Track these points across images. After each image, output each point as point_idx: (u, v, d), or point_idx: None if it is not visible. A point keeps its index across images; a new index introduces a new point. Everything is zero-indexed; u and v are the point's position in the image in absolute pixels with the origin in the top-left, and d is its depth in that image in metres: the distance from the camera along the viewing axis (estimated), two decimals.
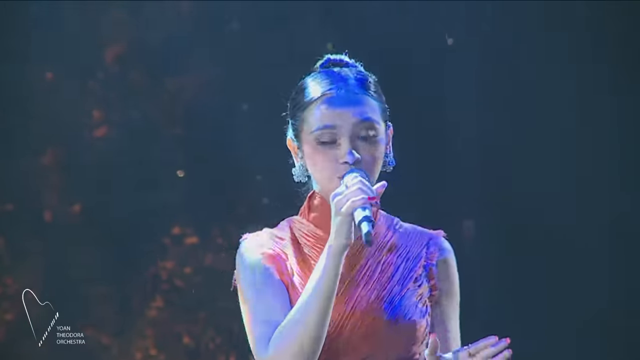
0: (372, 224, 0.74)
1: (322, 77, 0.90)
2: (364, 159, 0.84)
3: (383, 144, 0.88)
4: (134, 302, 2.99)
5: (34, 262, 2.95)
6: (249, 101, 2.95)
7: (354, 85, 0.88)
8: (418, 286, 0.88)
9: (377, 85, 0.92)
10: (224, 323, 3.00)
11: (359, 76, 0.90)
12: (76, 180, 2.99)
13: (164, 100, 2.96)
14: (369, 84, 0.90)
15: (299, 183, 0.97)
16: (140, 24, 2.95)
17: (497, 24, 2.82)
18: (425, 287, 0.89)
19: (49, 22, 2.90)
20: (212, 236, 3.01)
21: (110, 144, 2.97)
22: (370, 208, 0.76)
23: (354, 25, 2.91)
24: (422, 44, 2.79)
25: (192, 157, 2.99)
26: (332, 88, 0.88)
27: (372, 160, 0.86)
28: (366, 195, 0.76)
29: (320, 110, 0.87)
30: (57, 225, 2.97)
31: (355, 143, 0.85)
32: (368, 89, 0.89)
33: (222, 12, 2.98)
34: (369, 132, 0.85)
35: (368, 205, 0.76)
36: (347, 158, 0.83)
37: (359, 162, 0.84)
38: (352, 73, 0.91)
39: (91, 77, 2.96)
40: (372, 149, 0.85)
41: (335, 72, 0.91)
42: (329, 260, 0.79)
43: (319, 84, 0.89)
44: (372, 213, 0.79)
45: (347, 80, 0.89)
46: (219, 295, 2.99)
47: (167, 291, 3.00)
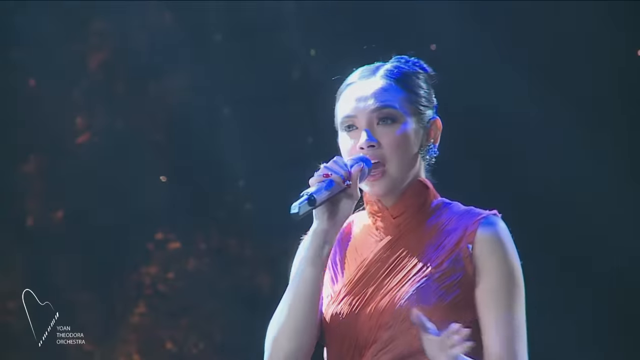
0: (309, 199, 0.76)
1: (358, 70, 0.93)
2: (383, 144, 0.86)
3: (406, 130, 0.87)
4: (117, 307, 3.00)
5: (17, 268, 2.95)
6: (230, 106, 2.98)
7: (380, 76, 0.89)
8: (445, 271, 0.82)
9: (413, 78, 0.92)
10: (206, 328, 3.01)
11: (392, 67, 0.92)
12: (59, 187, 3.00)
13: (146, 107, 2.98)
14: (400, 74, 0.91)
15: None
16: (123, 33, 2.97)
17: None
18: (453, 270, 0.83)
19: (32, 30, 2.92)
20: (195, 241, 3.03)
21: (93, 151, 2.98)
22: (327, 186, 0.78)
23: (335, 31, 2.94)
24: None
25: (174, 163, 3.00)
26: (358, 78, 0.90)
27: (392, 145, 0.86)
28: (322, 174, 0.78)
29: (344, 99, 0.90)
30: (40, 231, 2.98)
31: (374, 129, 0.87)
32: (396, 78, 0.90)
33: (204, 21, 3.01)
34: (386, 117, 0.87)
35: (322, 183, 0.78)
36: (361, 143, 0.86)
37: (375, 148, 0.85)
38: (388, 65, 0.92)
39: (74, 84, 2.97)
40: (391, 134, 0.86)
41: (372, 65, 0.93)
42: (309, 242, 0.83)
43: (351, 76, 0.92)
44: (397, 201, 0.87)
45: (376, 70, 0.91)
46: (202, 300, 3.00)
47: (150, 296, 3.01)
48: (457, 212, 0.89)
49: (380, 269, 0.85)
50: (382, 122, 0.87)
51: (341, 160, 0.83)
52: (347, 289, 0.85)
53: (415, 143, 0.88)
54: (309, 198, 0.76)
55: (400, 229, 0.88)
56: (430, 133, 0.92)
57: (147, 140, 2.99)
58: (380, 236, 0.89)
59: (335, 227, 0.84)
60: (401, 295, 0.81)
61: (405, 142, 0.87)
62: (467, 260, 0.82)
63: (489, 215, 0.86)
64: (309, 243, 0.83)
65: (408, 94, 0.89)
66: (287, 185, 2.77)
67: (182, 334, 3.01)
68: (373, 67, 0.92)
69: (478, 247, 0.83)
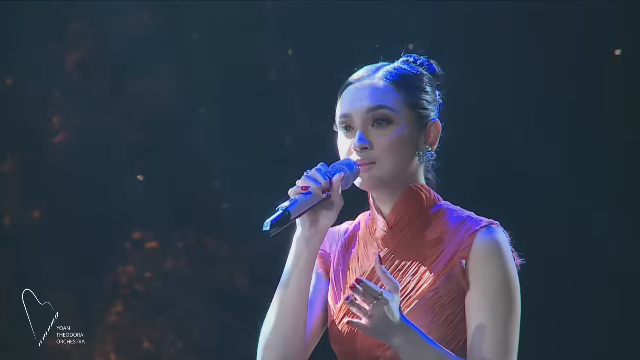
0: (283, 215, 0.74)
1: (360, 70, 0.93)
2: (376, 145, 0.85)
3: (401, 132, 0.86)
4: (95, 307, 2.99)
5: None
6: (207, 106, 2.98)
7: (379, 77, 0.88)
8: (439, 289, 0.81)
9: (414, 79, 0.90)
10: (184, 328, 3.01)
11: (392, 69, 0.90)
12: (36, 186, 3.00)
13: (123, 106, 2.98)
14: (399, 76, 0.89)
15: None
16: (101, 33, 2.97)
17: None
18: (447, 289, 0.80)
19: (9, 29, 2.92)
20: (173, 241, 3.02)
21: (70, 150, 2.98)
22: (306, 197, 0.77)
23: (309, 32, 2.94)
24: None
25: (151, 163, 3.00)
26: (358, 79, 0.90)
27: (385, 148, 0.85)
28: (301, 185, 0.78)
29: (343, 99, 0.90)
30: (17, 230, 2.98)
31: (369, 129, 0.86)
32: (394, 79, 0.88)
33: (182, 21, 3.01)
34: (381, 119, 0.86)
35: (300, 196, 0.77)
36: (353, 145, 0.85)
37: (367, 150, 0.85)
38: (389, 66, 0.91)
39: (52, 84, 2.98)
40: (385, 137, 0.85)
41: (374, 65, 0.92)
42: (292, 250, 0.84)
43: (352, 76, 0.92)
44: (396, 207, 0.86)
45: (376, 71, 0.90)
46: (179, 300, 3.00)
47: (128, 296, 3.01)
48: (455, 223, 0.86)
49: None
50: (377, 124, 0.86)
51: (325, 168, 0.82)
52: (347, 307, 0.83)
53: (410, 146, 0.87)
54: (283, 214, 0.74)
55: (398, 240, 0.86)
56: (429, 135, 0.90)
57: (125, 140, 2.99)
58: (380, 248, 0.88)
59: (318, 234, 0.83)
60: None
61: (399, 145, 0.85)
62: (460, 276, 0.80)
63: (485, 227, 0.83)
64: (292, 250, 0.84)
65: (406, 96, 0.88)
66: (264, 185, 2.78)
67: (160, 333, 3.01)
68: (374, 67, 0.91)
69: (472, 262, 0.81)
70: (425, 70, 0.93)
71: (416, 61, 0.94)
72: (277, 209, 0.74)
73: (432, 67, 0.94)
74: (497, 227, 0.84)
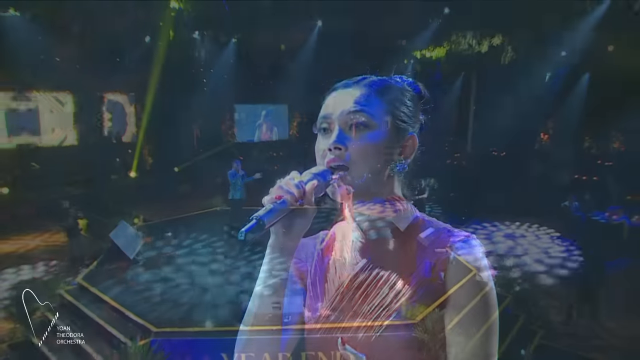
0: (257, 224, 0.74)
1: (347, 79, 0.93)
2: (350, 148, 0.84)
3: (377, 138, 0.85)
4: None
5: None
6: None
7: (363, 85, 0.88)
8: (416, 297, 0.81)
9: (396, 92, 0.90)
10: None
11: (377, 79, 0.91)
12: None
13: None
14: (382, 85, 0.89)
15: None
16: None
17: None
18: (424, 297, 0.81)
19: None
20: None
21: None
22: (280, 206, 0.76)
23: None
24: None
25: None
26: (343, 85, 0.90)
27: (359, 150, 0.84)
28: (275, 195, 0.78)
29: (326, 103, 0.90)
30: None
31: (346, 132, 0.86)
32: (377, 88, 0.88)
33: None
34: (359, 123, 0.85)
35: (274, 205, 0.76)
36: (328, 144, 0.85)
37: (341, 150, 0.84)
38: (375, 77, 0.91)
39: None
40: (360, 140, 0.85)
41: (361, 76, 0.92)
42: (266, 256, 0.83)
43: (337, 84, 0.92)
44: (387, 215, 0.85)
45: (361, 80, 0.90)
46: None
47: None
48: (432, 235, 0.86)
49: (355, 295, 0.84)
50: (355, 127, 0.86)
51: (297, 177, 0.81)
52: (326, 315, 0.85)
53: (384, 154, 0.86)
54: (257, 222, 0.75)
55: (373, 251, 0.86)
56: (404, 147, 0.89)
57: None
58: (357, 258, 0.87)
59: (292, 241, 0.83)
60: (375, 327, 0.81)
61: (373, 150, 0.85)
62: (439, 287, 0.81)
63: (462, 240, 0.84)
64: (266, 257, 0.83)
65: (387, 105, 0.88)
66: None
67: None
68: (361, 77, 0.92)
69: (450, 273, 0.81)
70: (410, 87, 0.93)
71: (402, 80, 0.94)
72: (252, 218, 0.75)
73: (418, 88, 0.94)
74: (473, 239, 0.85)
